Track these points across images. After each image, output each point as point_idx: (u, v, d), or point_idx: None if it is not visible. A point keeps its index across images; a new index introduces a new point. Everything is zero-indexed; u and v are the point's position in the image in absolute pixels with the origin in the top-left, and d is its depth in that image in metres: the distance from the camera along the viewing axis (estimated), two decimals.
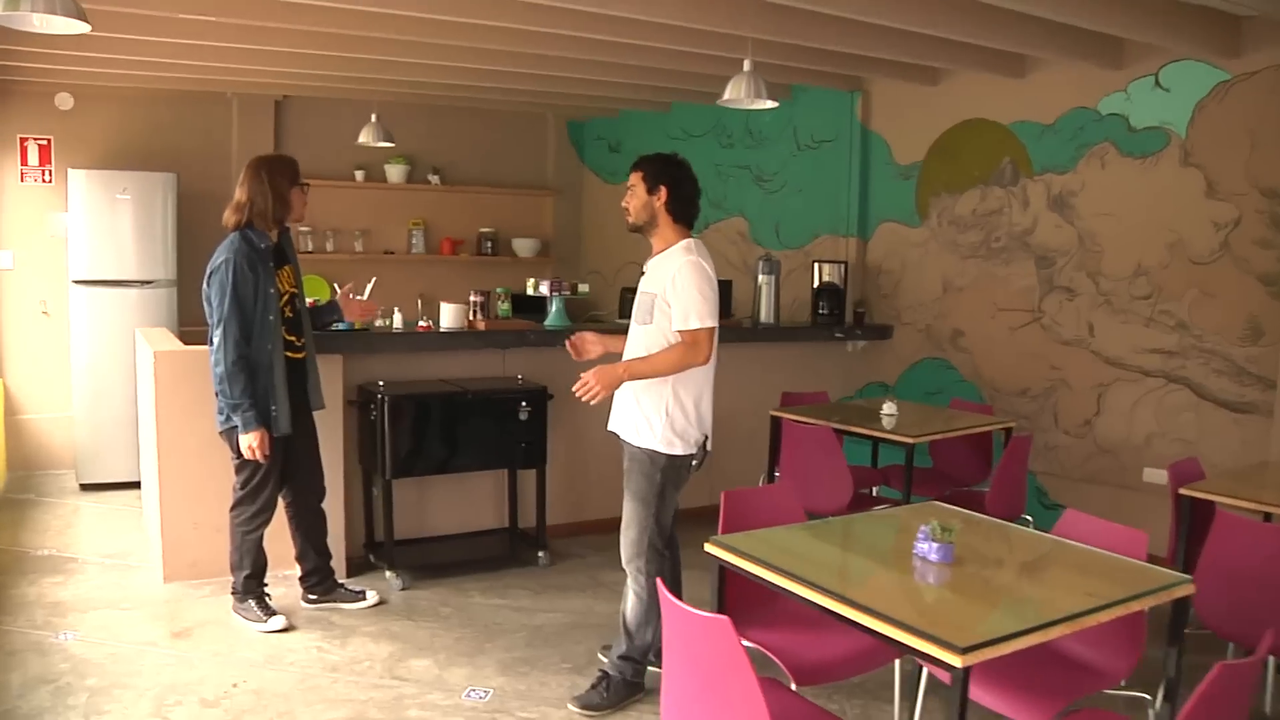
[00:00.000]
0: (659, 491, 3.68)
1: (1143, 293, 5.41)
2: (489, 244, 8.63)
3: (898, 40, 5.21)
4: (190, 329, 6.21)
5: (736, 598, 2.95)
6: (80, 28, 3.08)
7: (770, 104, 4.77)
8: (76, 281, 6.54)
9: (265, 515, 4.30)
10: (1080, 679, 2.90)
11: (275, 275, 4.12)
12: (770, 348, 6.48)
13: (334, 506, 4.83)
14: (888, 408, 5.02)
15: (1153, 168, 5.35)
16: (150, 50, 5.63)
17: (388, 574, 4.93)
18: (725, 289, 5.83)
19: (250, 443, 4.05)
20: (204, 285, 4.10)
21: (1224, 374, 5.14)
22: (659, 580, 2.62)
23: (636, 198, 3.66)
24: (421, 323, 5.27)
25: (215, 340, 4.02)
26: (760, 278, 6.41)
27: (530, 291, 5.63)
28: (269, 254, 4.11)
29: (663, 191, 3.61)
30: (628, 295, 6.53)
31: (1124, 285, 5.49)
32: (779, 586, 2.66)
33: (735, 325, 6.23)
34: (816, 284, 6.71)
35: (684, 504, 3.87)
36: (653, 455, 3.64)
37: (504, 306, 5.49)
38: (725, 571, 2.90)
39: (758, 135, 7.61)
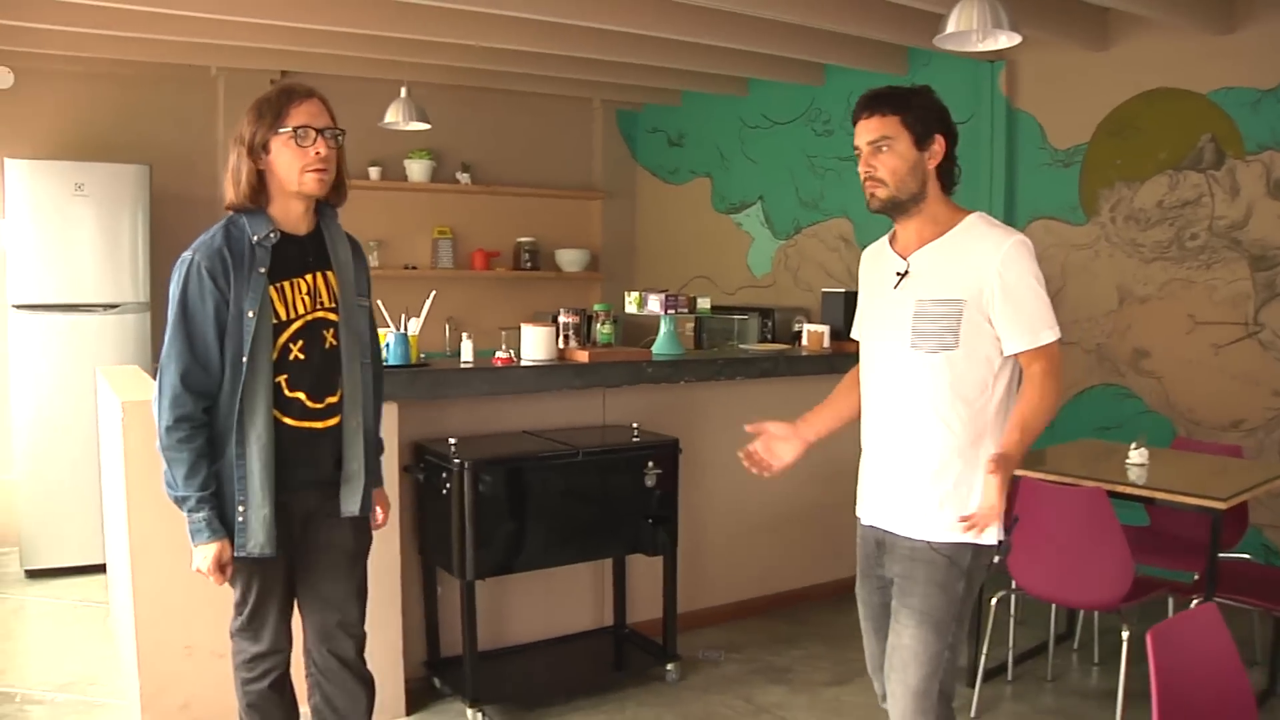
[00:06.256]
0: (959, 611, 2.39)
1: None
2: (528, 257, 7.43)
3: None
4: None
5: None
6: None
7: (1007, 39, 3.42)
8: (17, 306, 5.29)
9: (273, 660, 2.65)
10: None
11: (272, 288, 2.46)
12: None
13: (387, 616, 3.45)
14: (1136, 455, 3.81)
15: None
16: (114, 20, 4.76)
17: (469, 712, 3.50)
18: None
19: (197, 562, 2.46)
20: None
21: None
22: None
23: (897, 156, 2.37)
24: (500, 353, 3.86)
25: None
26: None
27: (633, 308, 4.27)
28: (264, 254, 2.44)
29: (938, 145, 2.38)
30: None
31: None
32: None
33: None
34: None
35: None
36: (954, 554, 2.36)
37: (605, 330, 4.10)
38: None
39: None
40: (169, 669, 3.37)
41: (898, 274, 2.44)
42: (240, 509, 2.44)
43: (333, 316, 2.55)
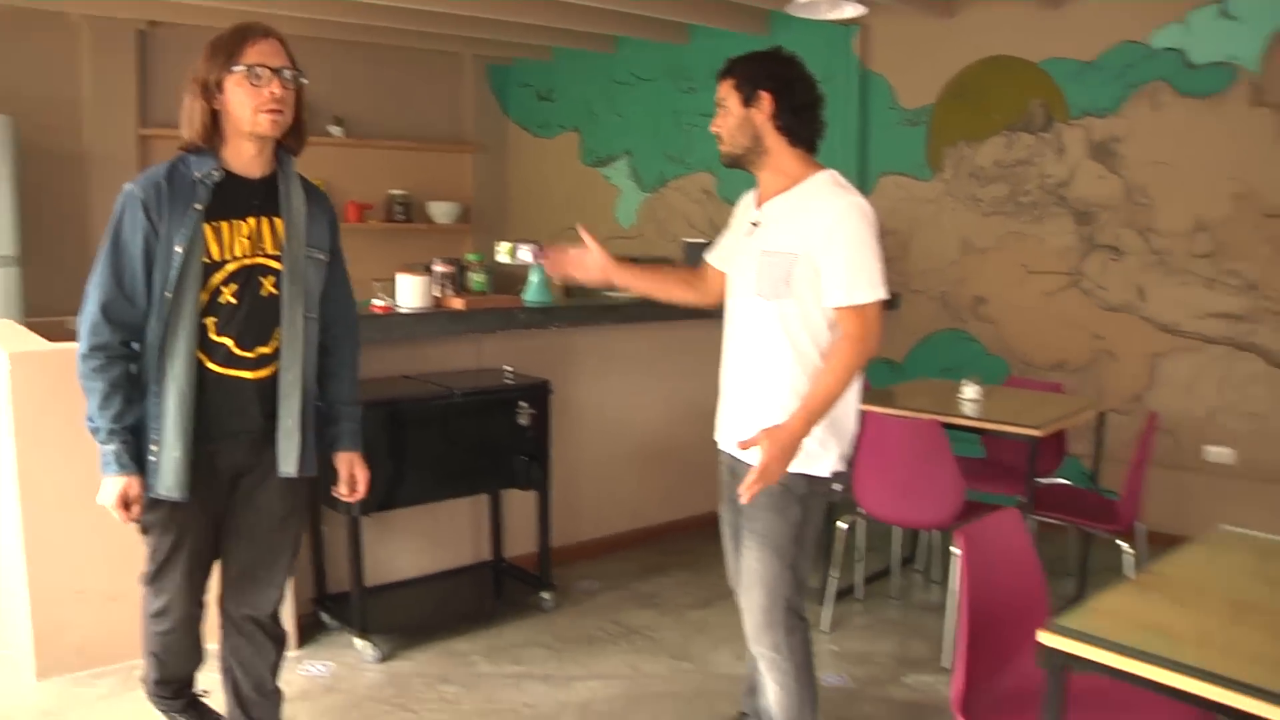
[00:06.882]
0: (797, 534, 2.61)
1: (1204, 250, 4.95)
2: (400, 209, 7.45)
3: None
4: (42, 320, 4.84)
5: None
6: None
7: (853, 10, 3.72)
8: None
9: (169, 621, 2.62)
10: None
11: (209, 226, 2.36)
12: None
13: None
14: (969, 391, 4.17)
15: (1216, 109, 4.83)
16: None
17: (357, 642, 3.69)
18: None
19: (101, 496, 2.41)
20: None
21: None
22: None
23: (730, 114, 2.59)
24: (377, 301, 4.01)
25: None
26: None
27: (504, 258, 4.43)
28: (204, 191, 2.35)
29: (765, 101, 2.55)
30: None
31: (1181, 242, 4.98)
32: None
33: None
34: None
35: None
36: (790, 483, 2.55)
37: (479, 279, 4.28)
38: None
39: None
40: (61, 613, 3.43)
41: (752, 223, 2.66)
42: (154, 448, 2.39)
43: (274, 264, 2.44)
